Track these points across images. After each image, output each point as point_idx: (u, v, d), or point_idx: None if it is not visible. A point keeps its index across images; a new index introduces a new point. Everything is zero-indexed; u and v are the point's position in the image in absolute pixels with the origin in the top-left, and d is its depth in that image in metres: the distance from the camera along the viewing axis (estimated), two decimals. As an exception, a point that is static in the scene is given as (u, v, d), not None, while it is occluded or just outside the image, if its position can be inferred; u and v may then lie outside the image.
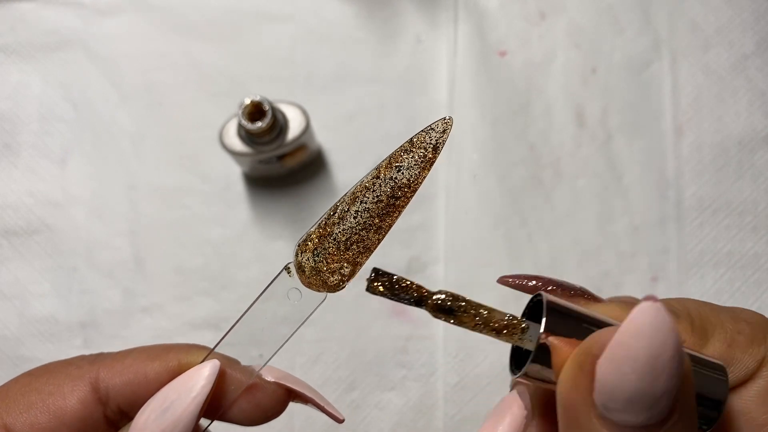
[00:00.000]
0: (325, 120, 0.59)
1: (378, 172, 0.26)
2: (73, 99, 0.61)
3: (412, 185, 0.26)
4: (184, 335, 0.56)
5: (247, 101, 0.51)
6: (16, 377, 0.29)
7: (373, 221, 0.26)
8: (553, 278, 0.28)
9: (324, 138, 0.60)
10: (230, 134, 0.53)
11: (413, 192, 0.26)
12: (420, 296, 0.25)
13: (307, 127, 0.54)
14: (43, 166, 0.60)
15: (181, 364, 0.28)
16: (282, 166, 0.56)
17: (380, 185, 0.25)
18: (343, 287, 0.26)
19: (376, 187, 0.25)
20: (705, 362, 0.25)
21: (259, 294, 0.26)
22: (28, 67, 0.62)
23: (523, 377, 0.24)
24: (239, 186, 0.59)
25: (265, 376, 0.29)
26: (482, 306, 0.25)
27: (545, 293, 0.25)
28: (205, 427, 0.29)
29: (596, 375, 0.21)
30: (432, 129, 0.26)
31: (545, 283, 0.27)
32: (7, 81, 0.62)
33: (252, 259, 0.58)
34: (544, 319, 0.24)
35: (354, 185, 0.26)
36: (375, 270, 0.25)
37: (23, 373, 0.29)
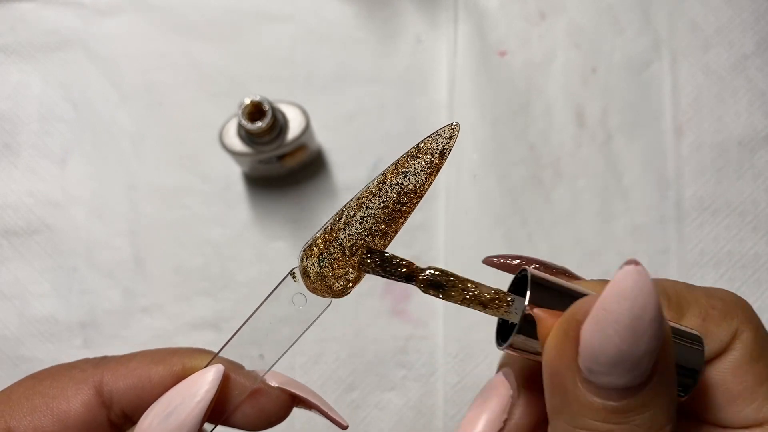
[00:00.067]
0: (325, 120, 0.59)
1: (384, 178, 0.26)
2: (73, 99, 0.61)
3: (418, 191, 0.26)
4: (184, 335, 0.56)
5: (247, 101, 0.51)
6: (19, 380, 0.29)
7: (378, 227, 0.26)
8: (536, 258, 0.29)
9: (324, 138, 0.60)
10: (230, 134, 0.53)
11: (419, 198, 0.26)
12: (410, 272, 0.26)
13: (307, 127, 0.54)
14: (43, 166, 0.60)
15: (185, 368, 0.28)
16: (282, 166, 0.56)
17: (386, 191, 0.25)
18: (348, 293, 0.26)
19: (382, 192, 0.25)
20: (682, 332, 0.26)
21: (264, 298, 0.26)
22: (28, 67, 0.62)
23: (509, 349, 0.25)
24: (239, 186, 0.59)
25: (269, 381, 0.29)
26: (470, 281, 0.26)
27: (530, 268, 0.26)
28: (209, 432, 0.29)
29: (581, 339, 0.22)
30: (439, 135, 0.26)
31: (528, 262, 0.29)
32: (7, 81, 0.61)
33: (252, 259, 0.58)
34: (529, 291, 0.24)
35: (360, 190, 0.26)
36: (367, 248, 0.25)
37: (27, 376, 0.29)
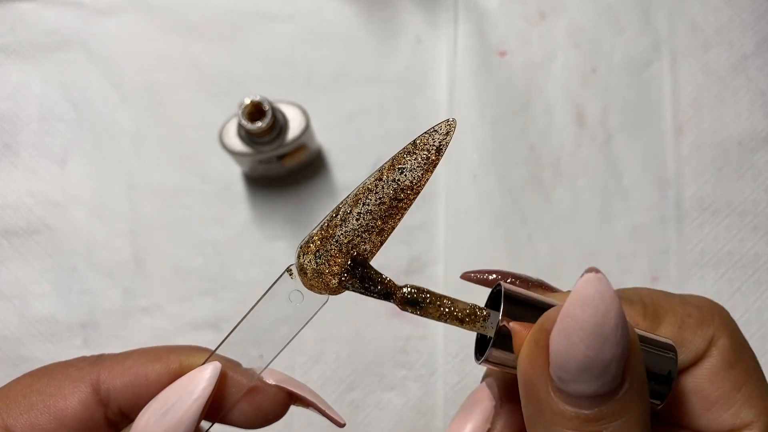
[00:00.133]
0: (325, 120, 0.59)
1: (380, 174, 0.25)
2: (73, 99, 0.61)
3: (414, 187, 0.26)
4: (184, 335, 0.56)
5: (247, 101, 0.51)
6: (16, 378, 0.29)
7: (375, 223, 0.25)
8: (513, 272, 0.29)
9: (324, 138, 0.60)
10: (230, 134, 0.53)
11: (416, 194, 0.26)
12: (387, 290, 0.26)
13: (307, 127, 0.54)
14: (43, 166, 0.60)
15: (182, 366, 0.28)
16: (282, 166, 0.56)
17: (383, 187, 0.25)
18: (345, 290, 0.26)
19: (378, 189, 0.25)
20: (654, 341, 0.26)
21: (261, 296, 0.26)
22: (28, 67, 0.62)
23: (486, 363, 0.25)
24: (239, 186, 0.59)
25: (267, 379, 0.29)
26: (445, 297, 0.26)
27: (504, 283, 0.26)
28: (206, 430, 0.29)
29: (550, 348, 0.22)
30: (435, 131, 0.25)
31: (504, 276, 0.29)
32: (7, 81, 0.62)
33: (252, 259, 0.58)
34: (503, 305, 0.25)
35: (356, 187, 0.26)
36: (353, 258, 0.26)
37: (24, 374, 0.29)
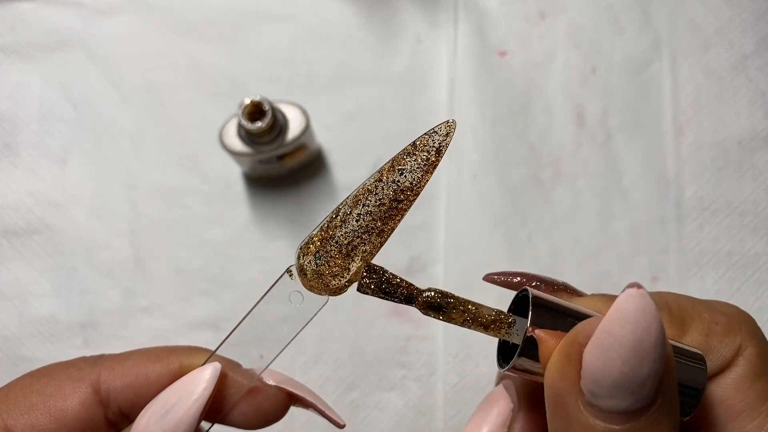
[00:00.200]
0: (325, 120, 0.59)
1: (380, 175, 0.25)
2: (73, 99, 0.61)
3: (414, 188, 0.26)
4: (184, 335, 0.56)
5: (247, 101, 0.51)
6: (17, 378, 0.29)
7: (375, 224, 0.25)
8: (537, 274, 0.29)
9: (324, 138, 0.60)
10: (230, 134, 0.53)
11: (416, 195, 0.25)
12: (410, 294, 0.25)
13: (307, 127, 0.54)
14: (43, 166, 0.60)
15: (182, 367, 0.28)
16: (282, 166, 0.56)
17: (383, 188, 0.25)
18: (344, 291, 0.26)
19: (378, 190, 0.25)
20: (684, 351, 0.25)
21: (261, 296, 0.26)
22: (28, 67, 0.62)
23: (511, 370, 0.25)
24: (239, 186, 0.59)
25: (267, 380, 0.29)
26: (470, 302, 0.25)
27: (530, 288, 0.25)
28: (206, 430, 0.29)
29: (583, 362, 0.22)
30: (435, 132, 0.25)
31: (529, 279, 0.28)
32: (7, 81, 0.62)
33: (252, 259, 0.58)
34: (531, 312, 0.24)
35: (356, 188, 0.26)
36: (367, 267, 0.25)
37: (24, 374, 0.29)
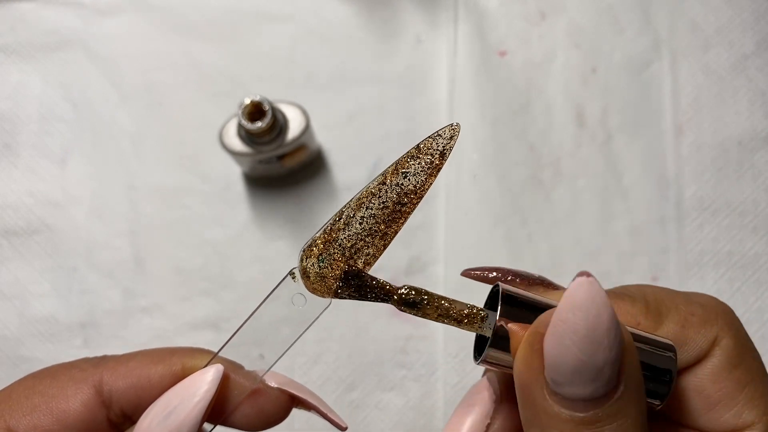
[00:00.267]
0: (325, 120, 0.59)
1: (384, 178, 0.25)
2: (73, 99, 0.61)
3: (418, 191, 0.26)
4: (184, 335, 0.56)
5: (247, 101, 0.51)
6: (19, 379, 0.29)
7: (378, 227, 0.25)
8: (513, 269, 0.29)
9: (324, 138, 0.60)
10: (230, 134, 0.53)
11: (419, 198, 0.26)
12: (385, 293, 0.26)
13: (307, 127, 0.54)
14: (43, 166, 0.60)
15: (184, 368, 0.28)
16: (282, 166, 0.56)
17: (386, 191, 0.25)
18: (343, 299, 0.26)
19: (382, 193, 0.25)
20: (653, 341, 0.26)
21: (264, 298, 0.26)
22: (28, 67, 0.62)
23: (484, 363, 0.25)
24: (239, 186, 0.59)
25: (269, 382, 0.29)
26: (444, 298, 0.26)
27: (502, 283, 0.26)
28: (209, 431, 0.29)
29: (544, 351, 0.22)
30: (439, 135, 0.25)
31: (504, 274, 0.29)
32: (7, 81, 0.61)
33: (252, 259, 0.58)
34: (500, 306, 0.25)
35: (360, 191, 0.26)
36: (344, 271, 0.26)
37: (27, 375, 0.29)
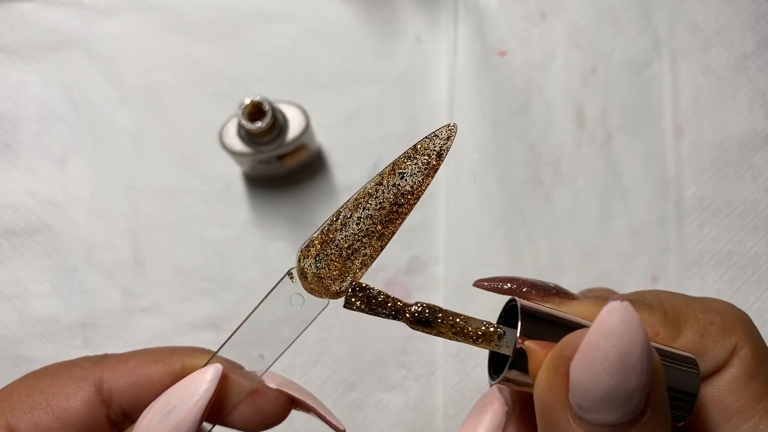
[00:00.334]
0: (325, 120, 0.59)
1: (381, 179, 0.25)
2: (73, 99, 0.61)
3: (415, 192, 0.26)
4: (184, 335, 0.56)
5: (247, 101, 0.51)
6: (20, 378, 0.29)
7: (375, 228, 0.25)
8: (528, 279, 0.28)
9: (324, 138, 0.60)
10: (230, 134, 0.53)
11: (416, 199, 0.26)
12: (397, 309, 0.25)
13: (307, 127, 0.54)
14: (43, 166, 0.60)
15: (184, 367, 0.28)
16: (282, 166, 0.56)
17: (383, 192, 0.25)
18: (345, 294, 0.26)
19: (378, 193, 0.25)
20: (676, 356, 0.25)
21: (262, 299, 0.26)
22: (28, 67, 0.62)
23: (502, 383, 0.25)
24: (239, 186, 0.59)
25: (268, 383, 0.29)
26: (458, 315, 0.25)
27: (519, 299, 0.25)
28: (208, 431, 0.29)
29: (570, 376, 0.21)
30: (436, 135, 0.25)
31: (519, 285, 0.28)
32: (7, 81, 0.62)
33: (252, 259, 0.58)
34: (520, 324, 0.24)
35: (357, 191, 0.26)
36: (353, 286, 0.25)
37: (27, 373, 0.29)
